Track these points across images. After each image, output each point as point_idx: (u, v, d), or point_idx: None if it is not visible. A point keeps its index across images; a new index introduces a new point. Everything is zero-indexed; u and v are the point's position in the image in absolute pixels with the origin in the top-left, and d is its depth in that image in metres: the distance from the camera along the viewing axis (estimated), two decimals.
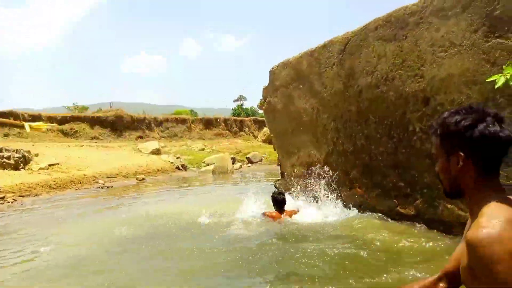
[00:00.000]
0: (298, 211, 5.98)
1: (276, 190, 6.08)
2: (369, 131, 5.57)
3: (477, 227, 1.20)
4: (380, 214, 5.52)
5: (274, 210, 5.85)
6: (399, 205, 5.26)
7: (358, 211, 5.87)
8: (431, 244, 4.21)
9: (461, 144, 1.33)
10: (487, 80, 3.74)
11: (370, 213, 5.66)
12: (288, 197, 6.18)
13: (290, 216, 5.79)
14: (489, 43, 3.96)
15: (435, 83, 4.54)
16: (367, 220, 5.40)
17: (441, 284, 1.57)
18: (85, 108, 31.26)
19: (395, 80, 5.04)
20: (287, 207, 5.95)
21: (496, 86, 3.45)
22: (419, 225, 4.90)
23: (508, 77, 3.42)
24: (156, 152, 19.49)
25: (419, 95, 4.74)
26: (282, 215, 5.77)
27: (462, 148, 1.33)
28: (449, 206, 4.55)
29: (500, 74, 3.47)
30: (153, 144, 20.50)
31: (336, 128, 6.30)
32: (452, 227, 4.50)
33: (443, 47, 4.43)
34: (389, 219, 5.33)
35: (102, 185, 12.96)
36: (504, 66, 3.49)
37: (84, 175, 13.88)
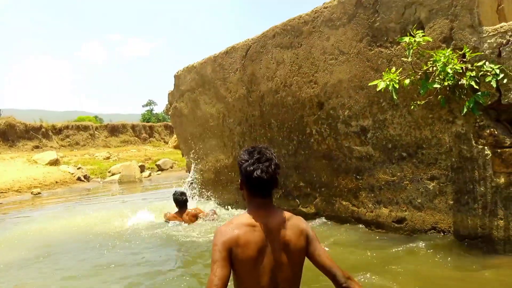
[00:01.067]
0: (207, 212, 5.99)
1: (177, 191, 6.04)
2: (272, 134, 5.76)
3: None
4: None
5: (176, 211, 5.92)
6: (300, 205, 5.52)
7: None
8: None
9: (240, 173, 1.93)
10: (369, 84, 4.12)
11: None
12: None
13: (195, 216, 5.83)
14: (372, 51, 4.35)
15: (328, 88, 4.85)
16: None
17: None
18: None
19: (292, 85, 5.29)
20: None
21: (377, 89, 3.82)
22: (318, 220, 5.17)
23: (387, 82, 3.80)
24: (54, 163, 17.95)
25: (314, 100, 5.03)
26: (183, 215, 5.85)
27: (241, 176, 1.93)
28: (344, 203, 4.89)
29: (380, 80, 3.84)
30: (50, 154, 18.84)
31: (242, 132, 6.41)
32: (347, 221, 4.84)
33: (333, 54, 4.76)
34: None
35: None
36: (383, 73, 3.88)
37: None
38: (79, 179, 16.25)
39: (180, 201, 5.89)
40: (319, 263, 1.88)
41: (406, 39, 3.61)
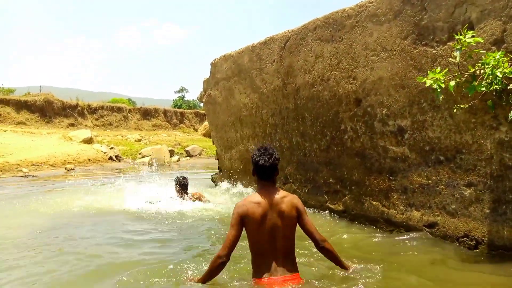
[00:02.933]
0: (204, 198, 6.49)
1: (179, 176, 6.57)
2: (305, 128, 5.72)
3: None
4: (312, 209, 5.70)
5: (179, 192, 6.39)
6: (329, 201, 5.47)
7: None
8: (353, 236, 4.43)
9: (252, 163, 2.92)
10: (416, 79, 4.00)
11: None
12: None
13: (199, 198, 6.39)
14: (417, 50, 4.23)
15: (367, 85, 4.76)
16: None
17: None
18: (11, 91, 28.81)
19: (330, 80, 5.22)
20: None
21: (426, 85, 3.69)
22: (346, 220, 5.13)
23: (432, 81, 3.68)
24: (88, 141, 18.55)
25: (351, 96, 4.95)
26: (185, 197, 6.36)
27: (252, 165, 2.92)
28: (374, 203, 4.81)
29: (425, 78, 3.72)
30: (85, 133, 19.47)
31: (274, 124, 6.40)
32: (376, 222, 4.77)
33: (375, 51, 4.65)
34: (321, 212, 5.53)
35: (27, 174, 12.10)
36: (429, 72, 3.76)
37: (6, 162, 12.87)
38: (110, 158, 16.73)
39: (183, 184, 6.38)
40: (305, 229, 2.88)
41: (456, 38, 3.48)
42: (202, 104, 11.00)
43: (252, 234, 2.78)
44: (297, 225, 2.86)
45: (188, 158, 19.12)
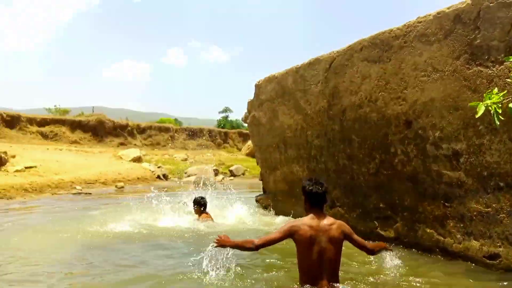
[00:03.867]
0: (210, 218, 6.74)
1: (198, 196, 6.99)
2: (352, 151, 5.58)
3: None
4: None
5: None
6: (379, 227, 5.25)
7: None
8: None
9: (304, 193, 3.32)
10: (469, 105, 3.79)
11: None
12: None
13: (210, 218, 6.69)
14: (471, 70, 4.03)
15: (417, 106, 4.58)
16: None
17: None
18: (66, 111, 30.66)
19: (378, 101, 5.08)
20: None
21: (477, 116, 3.49)
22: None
23: (489, 105, 3.47)
24: (137, 160, 19.22)
25: (401, 117, 4.77)
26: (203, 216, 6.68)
27: (304, 194, 3.32)
28: (428, 230, 4.56)
29: (480, 102, 3.51)
30: (134, 152, 20.21)
31: (320, 146, 6.30)
32: (431, 251, 4.51)
33: (425, 71, 4.48)
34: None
35: (80, 191, 12.67)
36: (484, 94, 3.55)
37: (62, 179, 13.56)
38: (158, 177, 17.20)
39: (204, 204, 6.74)
40: (356, 243, 3.33)
41: None
42: (245, 124, 11.10)
43: (302, 254, 3.16)
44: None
45: (232, 177, 19.26)
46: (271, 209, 8.05)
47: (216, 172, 18.42)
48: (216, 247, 3.35)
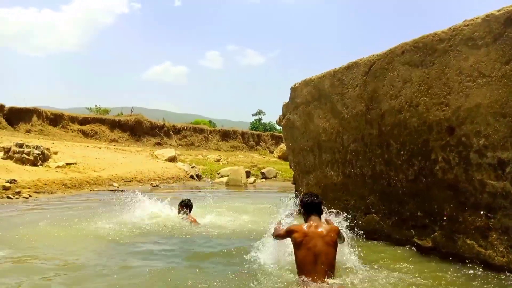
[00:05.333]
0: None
1: (185, 198, 7.36)
2: (390, 156, 5.45)
3: None
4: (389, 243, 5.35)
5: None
6: (416, 236, 5.09)
7: (372, 239, 5.72)
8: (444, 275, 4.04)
9: (301, 205, 4.04)
10: None
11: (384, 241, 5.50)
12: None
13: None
14: None
15: (461, 113, 4.41)
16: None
17: None
18: (106, 111, 31.77)
19: (419, 106, 4.94)
20: None
21: None
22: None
23: None
24: (172, 159, 19.60)
25: (444, 124, 4.61)
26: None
27: (301, 207, 4.04)
28: (468, 241, 4.37)
29: None
30: (170, 152, 20.63)
31: (356, 151, 6.19)
32: (471, 263, 4.32)
33: (471, 76, 4.32)
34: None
35: (116, 188, 13.05)
36: None
37: (100, 176, 14.01)
38: (191, 177, 17.46)
39: (191, 205, 7.12)
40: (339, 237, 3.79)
41: None
42: (278, 127, 11.10)
43: (298, 255, 3.62)
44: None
45: (263, 180, 19.26)
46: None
47: (248, 174, 18.47)
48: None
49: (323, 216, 4.08)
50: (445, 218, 4.67)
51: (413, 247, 5.10)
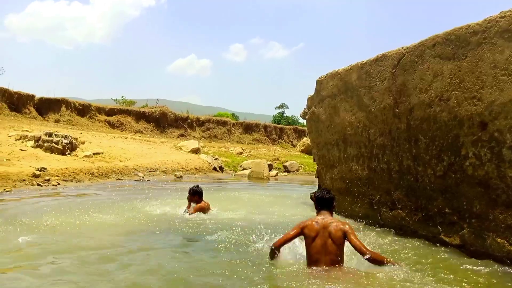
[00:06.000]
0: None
1: (194, 185, 7.10)
2: (418, 151, 5.34)
3: None
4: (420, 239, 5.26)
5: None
6: (443, 233, 4.99)
7: (398, 234, 5.64)
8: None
9: (314, 199, 4.23)
10: None
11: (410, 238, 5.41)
12: None
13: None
14: None
15: (494, 107, 4.27)
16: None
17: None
18: (132, 103, 32.33)
19: (450, 100, 4.81)
20: None
21: None
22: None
23: None
24: (196, 151, 19.81)
25: (475, 118, 4.48)
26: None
27: (314, 201, 4.22)
28: (499, 240, 4.25)
29: None
30: (193, 143, 20.86)
31: (383, 145, 6.10)
32: (501, 262, 4.20)
33: (506, 70, 4.16)
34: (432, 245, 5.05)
35: (142, 178, 13.31)
36: None
37: (125, 166, 14.32)
38: (214, 168, 17.62)
39: (199, 192, 6.96)
40: (351, 243, 3.71)
41: None
42: (301, 120, 11.04)
43: (308, 246, 3.84)
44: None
45: (286, 173, 19.25)
46: None
47: (271, 167, 18.49)
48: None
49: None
50: (474, 215, 4.56)
51: (438, 244, 4.99)
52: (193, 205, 6.91)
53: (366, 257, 3.59)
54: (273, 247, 3.94)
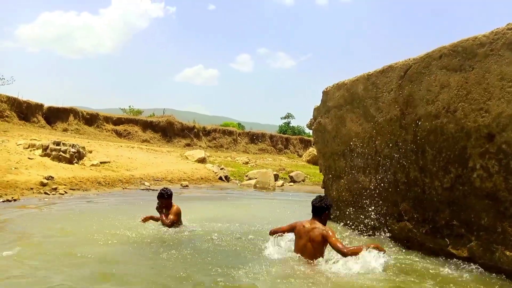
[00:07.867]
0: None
1: (161, 189, 6.47)
2: (425, 163, 5.32)
3: None
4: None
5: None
6: (450, 245, 4.94)
7: (404, 247, 5.59)
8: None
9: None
10: None
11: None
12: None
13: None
14: None
15: (502, 119, 4.26)
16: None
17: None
18: (139, 112, 32.58)
19: (457, 112, 4.80)
20: None
21: None
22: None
23: None
24: (202, 160, 19.85)
25: (483, 130, 4.46)
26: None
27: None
28: (508, 253, 4.20)
29: None
30: (199, 153, 20.91)
31: (389, 156, 6.08)
32: (509, 275, 4.15)
33: None
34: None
35: (148, 188, 13.34)
36: None
37: (132, 175, 14.37)
38: (220, 178, 17.61)
39: (166, 194, 6.32)
40: (331, 245, 4.38)
41: None
42: (307, 131, 11.03)
43: (295, 243, 4.69)
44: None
45: (292, 183, 19.19)
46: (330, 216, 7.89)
47: (276, 177, 18.45)
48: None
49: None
50: (482, 228, 4.51)
51: (447, 258, 4.94)
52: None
53: (346, 256, 4.23)
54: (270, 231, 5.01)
